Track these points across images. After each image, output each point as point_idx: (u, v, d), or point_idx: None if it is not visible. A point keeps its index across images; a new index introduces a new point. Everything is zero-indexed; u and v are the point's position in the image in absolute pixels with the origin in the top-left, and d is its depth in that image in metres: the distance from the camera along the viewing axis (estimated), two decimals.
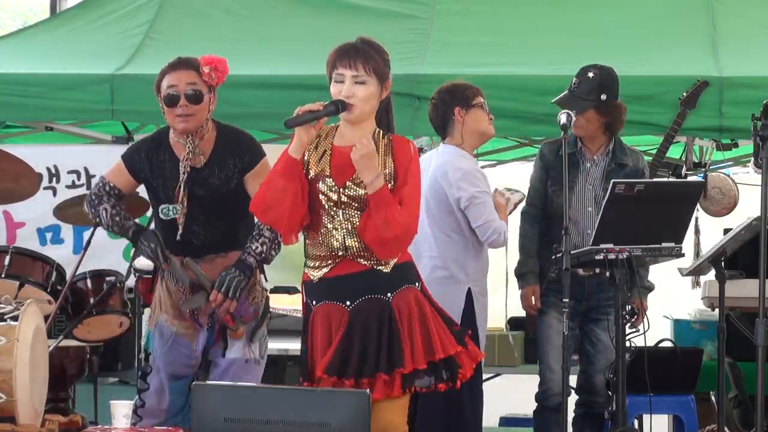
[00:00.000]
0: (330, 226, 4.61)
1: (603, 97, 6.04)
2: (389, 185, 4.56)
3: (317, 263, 4.66)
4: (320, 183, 4.60)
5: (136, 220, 5.43)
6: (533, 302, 6.23)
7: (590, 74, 6.10)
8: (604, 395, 6.11)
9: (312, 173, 4.62)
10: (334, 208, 4.60)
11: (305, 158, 4.63)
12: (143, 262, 5.35)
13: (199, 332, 5.30)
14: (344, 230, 4.59)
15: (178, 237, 5.21)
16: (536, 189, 6.28)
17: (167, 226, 5.26)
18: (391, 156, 4.62)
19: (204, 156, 5.22)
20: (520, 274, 6.29)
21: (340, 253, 4.61)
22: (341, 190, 4.59)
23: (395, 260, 4.63)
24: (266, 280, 5.51)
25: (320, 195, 4.60)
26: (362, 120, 4.60)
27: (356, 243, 4.59)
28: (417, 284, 4.70)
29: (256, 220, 5.21)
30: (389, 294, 4.62)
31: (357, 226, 4.56)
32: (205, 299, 5.18)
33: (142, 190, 5.48)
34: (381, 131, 4.66)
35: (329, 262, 4.64)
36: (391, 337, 4.58)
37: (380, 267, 4.62)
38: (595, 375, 6.16)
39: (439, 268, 5.84)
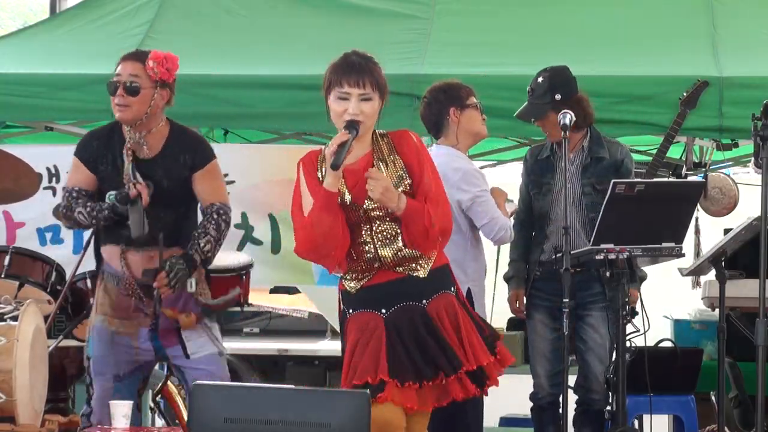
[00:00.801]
0: (361, 240, 4.61)
1: (557, 97, 6.04)
2: (407, 182, 4.57)
3: (355, 275, 4.67)
4: (343, 205, 4.58)
5: None
6: (517, 306, 6.29)
7: (540, 79, 6.13)
8: (600, 392, 6.08)
9: None
10: (362, 225, 4.60)
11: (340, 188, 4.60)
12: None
13: (139, 330, 5.34)
14: (377, 242, 4.60)
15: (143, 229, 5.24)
16: (522, 194, 6.36)
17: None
18: (395, 153, 4.61)
19: (151, 150, 5.31)
20: (507, 278, 6.36)
21: (375, 265, 4.62)
22: (364, 207, 4.58)
23: (431, 265, 4.62)
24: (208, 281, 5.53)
25: (347, 215, 4.59)
26: (365, 134, 4.59)
27: (390, 253, 4.60)
28: (453, 289, 4.69)
29: (200, 218, 5.32)
30: (425, 300, 4.61)
31: (390, 237, 4.59)
32: (151, 275, 5.22)
33: None
34: (375, 134, 4.65)
35: (366, 274, 4.65)
36: (437, 340, 4.58)
37: (416, 273, 4.62)
38: (590, 373, 6.14)
39: None
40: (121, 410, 4.76)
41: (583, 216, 6.07)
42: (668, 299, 7.91)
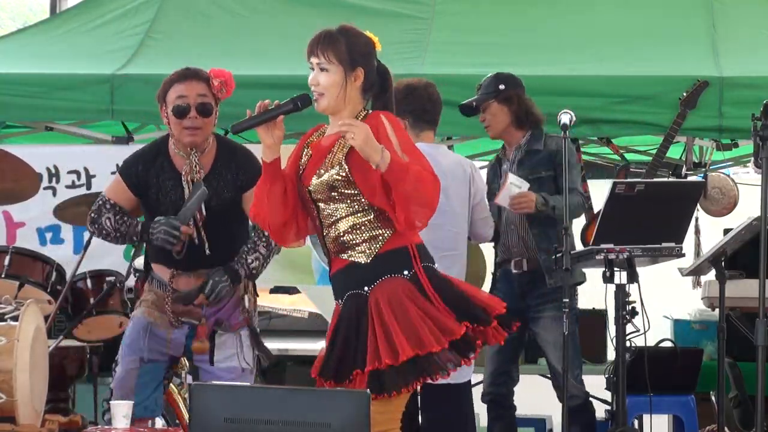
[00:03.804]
0: (317, 224, 4.48)
1: (501, 87, 6.04)
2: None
3: (327, 263, 4.57)
4: (298, 182, 4.49)
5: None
6: None
7: (487, 80, 6.12)
8: (573, 389, 5.92)
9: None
10: (311, 207, 4.47)
11: (302, 163, 4.50)
12: (142, 262, 5.34)
13: (174, 327, 5.27)
14: (324, 227, 4.44)
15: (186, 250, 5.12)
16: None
17: None
18: None
19: (204, 170, 5.16)
20: None
21: (330, 251, 4.47)
22: (308, 188, 4.44)
23: (379, 248, 4.37)
24: (256, 295, 5.44)
25: (301, 193, 4.48)
26: (337, 110, 4.42)
27: (330, 239, 4.43)
28: (407, 272, 4.34)
29: (251, 234, 5.21)
30: (366, 288, 4.37)
31: (332, 222, 4.39)
32: (191, 298, 5.14)
33: None
34: (365, 112, 4.45)
35: (327, 261, 4.55)
36: (363, 334, 4.34)
37: (358, 260, 4.38)
38: (556, 372, 5.99)
39: None
40: (121, 410, 4.75)
41: None
42: (668, 299, 7.90)
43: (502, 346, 5.43)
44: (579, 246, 6.01)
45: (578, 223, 7.35)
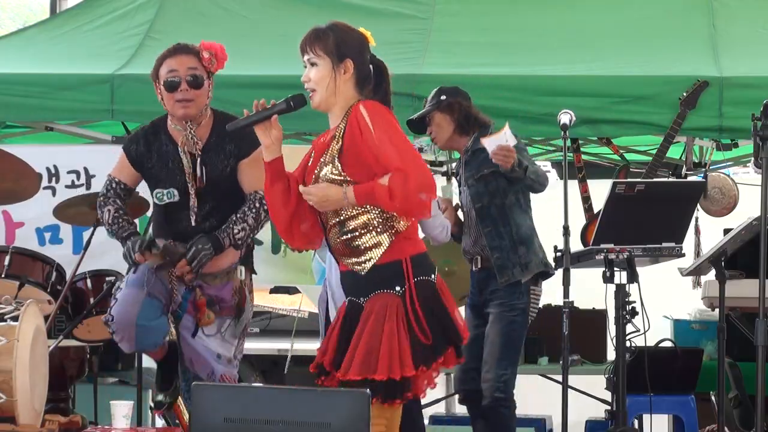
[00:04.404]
0: (320, 226, 4.53)
1: (442, 97, 6.04)
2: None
3: None
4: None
5: (136, 220, 5.43)
6: None
7: (431, 94, 6.13)
8: (487, 381, 5.86)
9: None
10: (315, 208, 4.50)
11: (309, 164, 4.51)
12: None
13: (179, 288, 5.29)
14: (325, 229, 4.48)
15: (193, 223, 5.20)
16: None
17: (162, 210, 5.28)
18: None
19: (201, 141, 5.23)
20: None
21: (335, 253, 4.52)
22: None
23: (376, 260, 4.40)
24: (255, 273, 5.48)
25: None
26: (330, 104, 4.45)
27: (331, 242, 4.47)
28: (399, 289, 4.38)
29: (245, 204, 5.24)
30: (362, 298, 4.43)
31: (331, 225, 4.42)
32: (173, 256, 5.16)
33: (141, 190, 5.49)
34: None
35: (335, 260, 4.59)
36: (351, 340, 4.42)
37: (357, 268, 4.43)
38: (485, 363, 5.90)
39: None
40: (121, 410, 4.76)
41: (470, 207, 6.00)
42: (668, 299, 7.90)
43: (467, 344, 5.45)
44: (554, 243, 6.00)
45: (578, 223, 7.36)
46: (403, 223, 4.40)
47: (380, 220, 4.39)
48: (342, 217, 4.41)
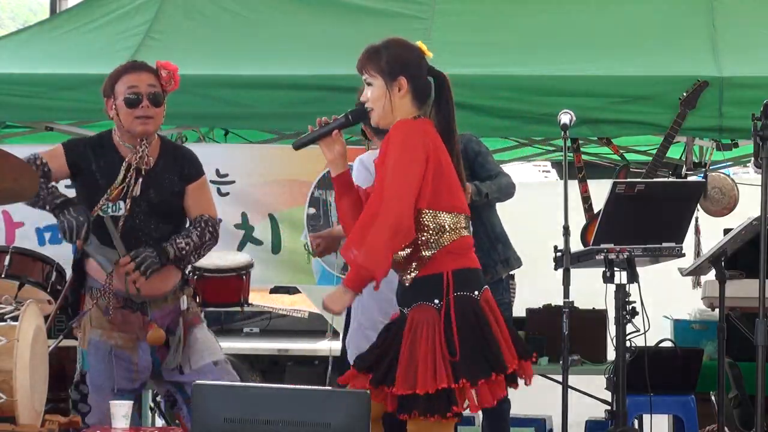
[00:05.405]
0: None
1: None
2: None
3: None
4: None
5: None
6: None
7: None
8: None
9: None
10: None
11: None
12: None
13: (138, 344, 5.25)
14: None
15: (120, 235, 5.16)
16: None
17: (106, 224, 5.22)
18: None
19: (152, 159, 5.22)
20: None
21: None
22: None
23: (418, 272, 4.43)
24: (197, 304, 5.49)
25: None
26: (389, 123, 4.49)
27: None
28: (437, 302, 4.40)
29: (187, 224, 5.26)
30: (406, 309, 4.48)
31: None
32: (111, 259, 5.14)
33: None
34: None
35: None
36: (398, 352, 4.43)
37: (404, 278, 4.48)
38: None
39: None
40: (121, 410, 4.75)
41: None
42: (668, 299, 7.89)
43: None
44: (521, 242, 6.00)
45: (578, 223, 7.35)
46: (448, 236, 4.43)
47: (426, 237, 4.42)
48: None
